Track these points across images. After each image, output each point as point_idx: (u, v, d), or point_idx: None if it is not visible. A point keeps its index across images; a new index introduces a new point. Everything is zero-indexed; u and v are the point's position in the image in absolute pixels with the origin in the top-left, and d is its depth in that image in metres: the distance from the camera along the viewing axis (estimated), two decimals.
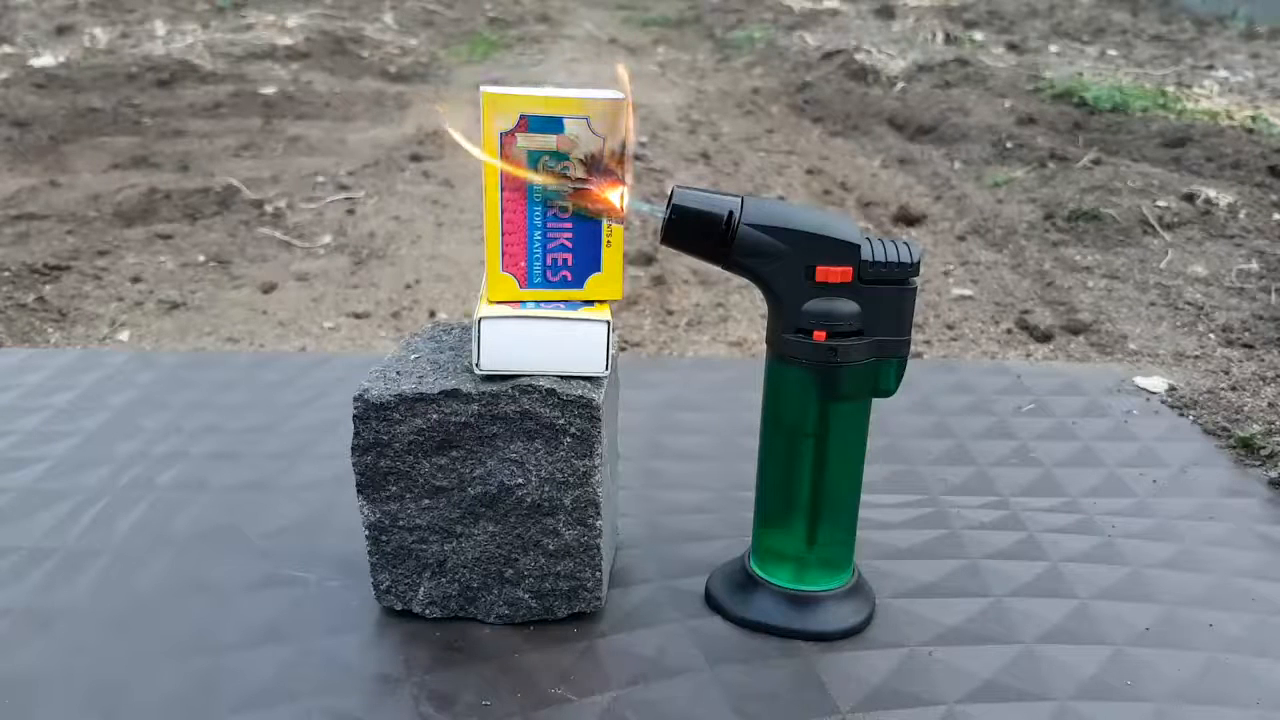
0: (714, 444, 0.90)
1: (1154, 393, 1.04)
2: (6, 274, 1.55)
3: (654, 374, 1.03)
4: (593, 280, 0.61)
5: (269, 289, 1.57)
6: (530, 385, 0.59)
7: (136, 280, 1.58)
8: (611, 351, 0.60)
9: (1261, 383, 1.16)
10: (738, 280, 1.44)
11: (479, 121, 0.58)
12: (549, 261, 0.60)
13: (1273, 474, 0.87)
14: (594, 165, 0.58)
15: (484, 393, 0.59)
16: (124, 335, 1.39)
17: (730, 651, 0.63)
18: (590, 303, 0.61)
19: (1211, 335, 1.38)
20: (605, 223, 0.60)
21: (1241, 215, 1.86)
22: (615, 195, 0.58)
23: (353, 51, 3.54)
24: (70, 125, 2.48)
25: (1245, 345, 1.33)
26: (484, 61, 3.64)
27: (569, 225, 0.60)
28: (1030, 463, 0.87)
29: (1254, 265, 1.65)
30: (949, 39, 3.88)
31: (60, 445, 0.86)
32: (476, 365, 0.59)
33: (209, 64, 3.19)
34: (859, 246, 0.58)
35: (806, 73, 3.37)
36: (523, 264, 0.60)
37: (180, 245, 1.74)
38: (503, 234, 0.60)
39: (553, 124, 0.57)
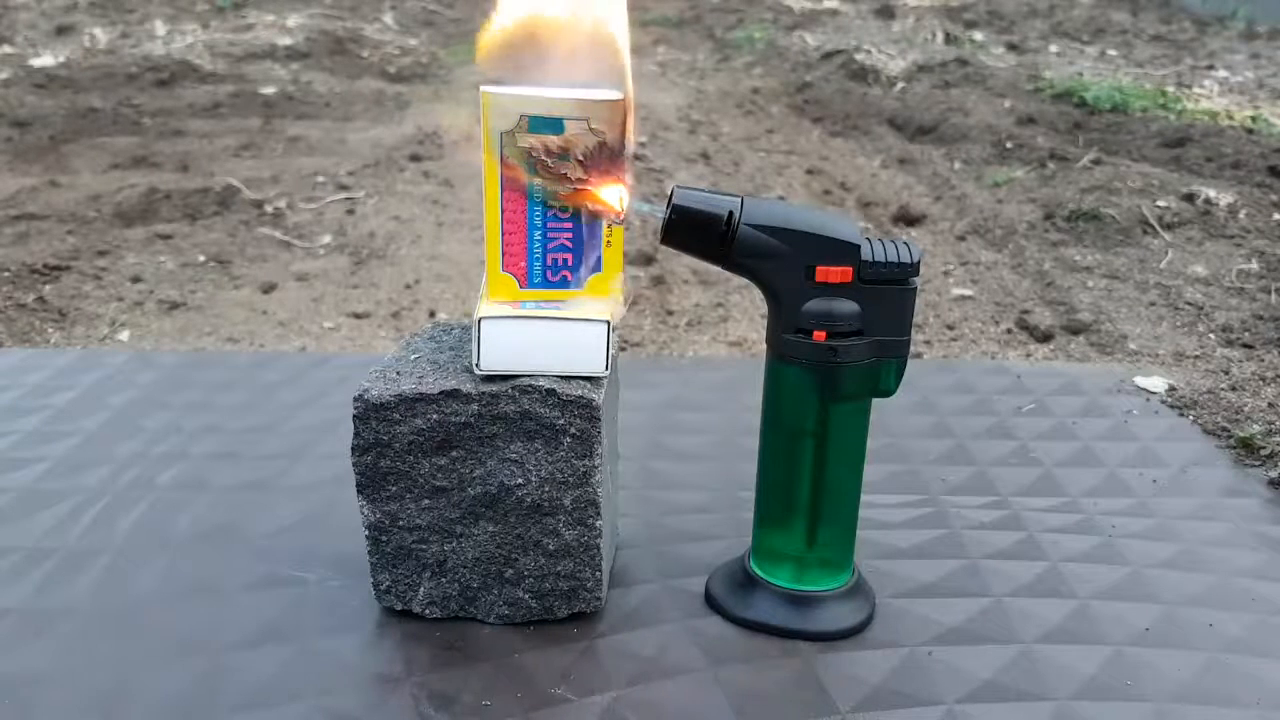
0: (714, 444, 0.90)
1: (1154, 393, 1.04)
2: (6, 274, 1.55)
3: (654, 374, 1.03)
4: (593, 280, 0.61)
5: (269, 289, 1.57)
6: (530, 385, 0.59)
7: (136, 280, 1.58)
8: (611, 352, 0.60)
9: (1261, 383, 1.16)
10: (738, 280, 1.44)
11: (479, 121, 0.58)
12: (549, 261, 0.60)
13: (1273, 474, 0.87)
14: (594, 165, 0.58)
15: (484, 393, 0.59)
16: (124, 335, 1.39)
17: (730, 651, 0.63)
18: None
19: (1211, 335, 1.38)
20: (605, 223, 0.60)
21: (1241, 215, 1.86)
22: (615, 195, 0.58)
23: (353, 51, 3.54)
24: (70, 125, 2.48)
25: (1245, 345, 1.33)
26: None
27: (569, 225, 0.60)
28: (1030, 463, 0.87)
29: (1254, 265, 1.65)
30: (949, 39, 3.88)
31: (60, 445, 0.86)
32: (476, 365, 0.59)
33: (209, 64, 3.19)
34: (859, 246, 0.58)
35: (806, 73, 3.37)
36: (523, 264, 0.60)
37: (180, 245, 1.74)
38: (503, 234, 0.60)
39: (553, 124, 0.57)
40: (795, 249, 0.57)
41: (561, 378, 0.60)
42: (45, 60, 3.14)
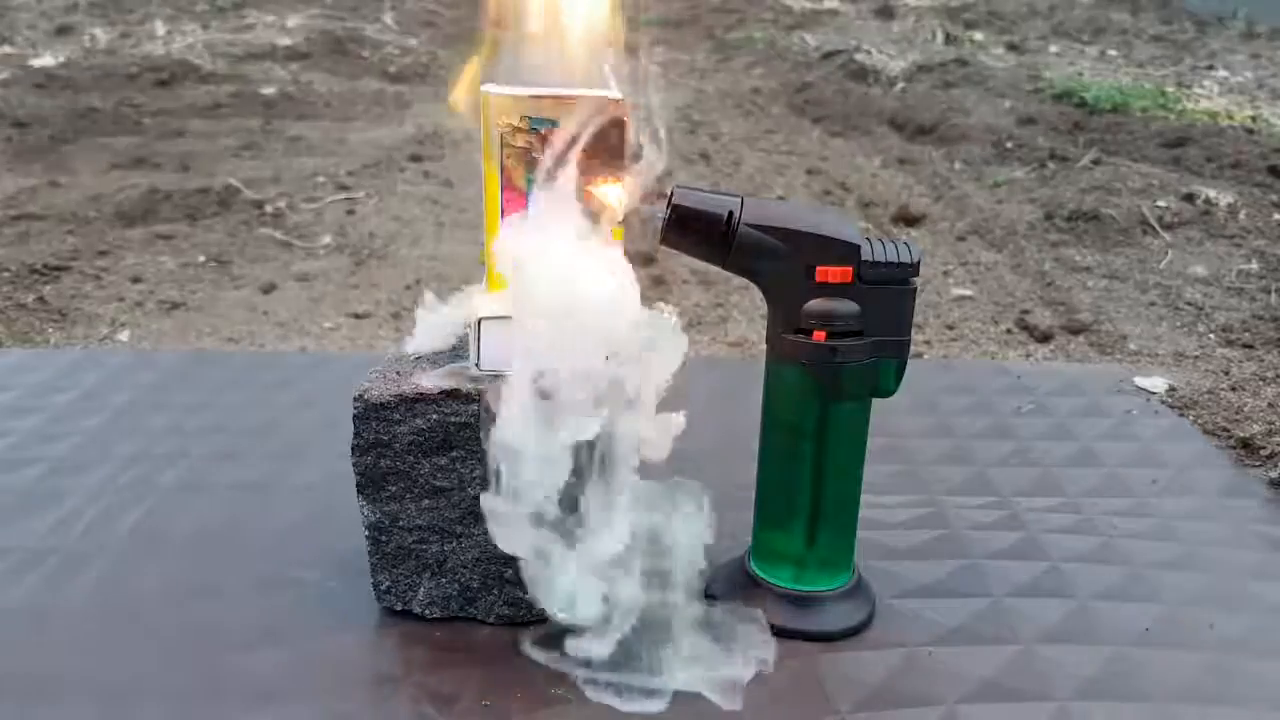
0: (714, 444, 0.89)
1: (1154, 393, 1.04)
2: (7, 274, 1.55)
3: None
4: None
5: (269, 289, 1.57)
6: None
7: (136, 280, 1.58)
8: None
9: (1261, 383, 1.16)
10: (738, 280, 1.43)
11: (479, 122, 0.58)
12: None
13: (1273, 474, 0.87)
14: (593, 165, 0.58)
15: (484, 393, 0.59)
16: (124, 335, 1.39)
17: None
18: None
19: (1211, 335, 1.38)
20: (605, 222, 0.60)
21: (1241, 215, 1.86)
22: (614, 195, 0.58)
23: (353, 51, 3.54)
24: (70, 125, 2.48)
25: (1245, 345, 1.33)
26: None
27: None
28: (1030, 463, 0.87)
29: (1254, 265, 1.65)
30: (949, 39, 3.88)
31: (60, 445, 0.86)
32: (476, 365, 0.59)
33: (209, 64, 3.19)
34: (859, 246, 0.58)
35: (806, 73, 3.37)
36: None
37: (180, 245, 1.74)
38: None
39: (552, 125, 0.57)
40: (795, 249, 0.57)
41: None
42: (45, 60, 3.14)
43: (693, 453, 0.87)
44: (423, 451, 0.60)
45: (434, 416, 0.59)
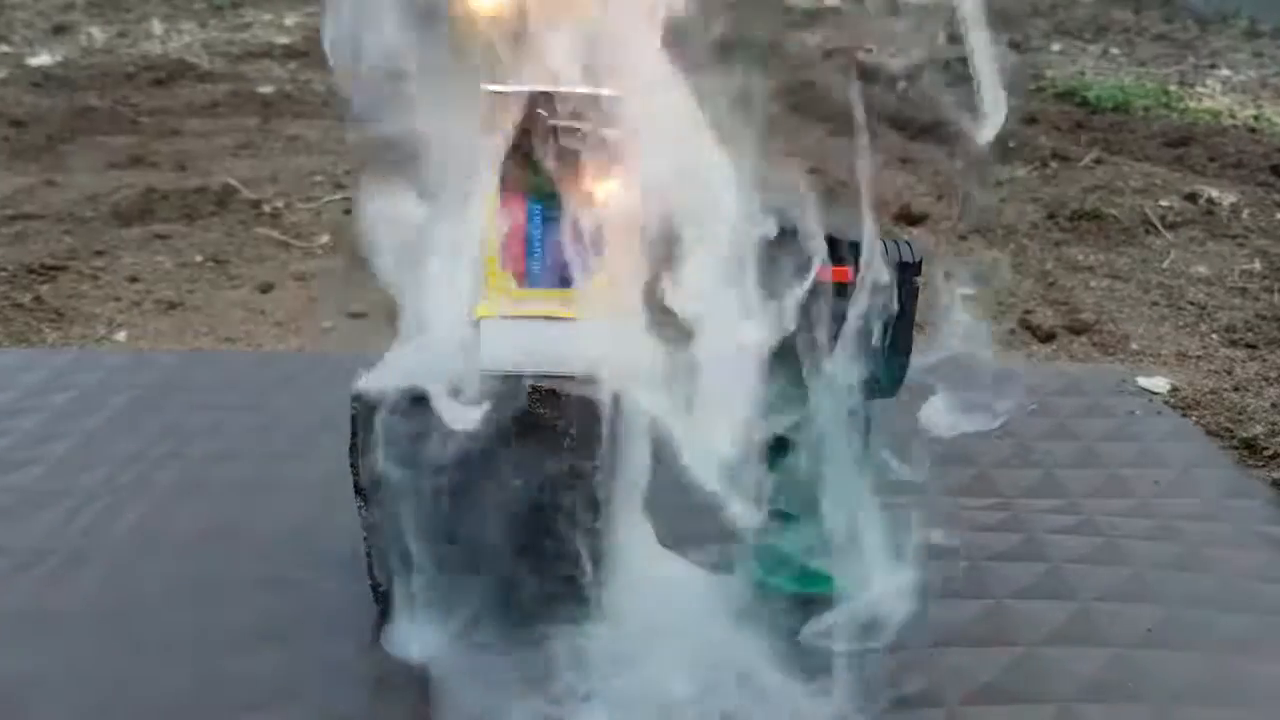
0: None
1: (1156, 393, 1.03)
2: (3, 274, 1.55)
3: None
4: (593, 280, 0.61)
5: (267, 289, 1.57)
6: (530, 385, 0.59)
7: (134, 280, 1.58)
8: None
9: (1264, 383, 1.16)
10: None
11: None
12: (548, 261, 0.60)
13: (1276, 475, 0.87)
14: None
15: (484, 393, 0.59)
16: (121, 335, 1.39)
17: None
18: None
19: (1214, 335, 1.37)
20: None
21: (1244, 215, 1.86)
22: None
23: None
24: (67, 125, 2.47)
25: (1248, 345, 1.33)
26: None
27: None
28: (1032, 463, 0.87)
29: (1257, 265, 1.65)
30: (951, 38, 3.87)
31: (59, 445, 0.86)
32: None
33: (206, 63, 3.18)
34: (859, 246, 0.58)
35: (807, 73, 3.37)
36: (522, 263, 0.60)
37: (178, 245, 1.73)
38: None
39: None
40: None
41: (562, 378, 0.59)
42: (42, 59, 3.14)
43: None
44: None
45: (434, 417, 0.59)
